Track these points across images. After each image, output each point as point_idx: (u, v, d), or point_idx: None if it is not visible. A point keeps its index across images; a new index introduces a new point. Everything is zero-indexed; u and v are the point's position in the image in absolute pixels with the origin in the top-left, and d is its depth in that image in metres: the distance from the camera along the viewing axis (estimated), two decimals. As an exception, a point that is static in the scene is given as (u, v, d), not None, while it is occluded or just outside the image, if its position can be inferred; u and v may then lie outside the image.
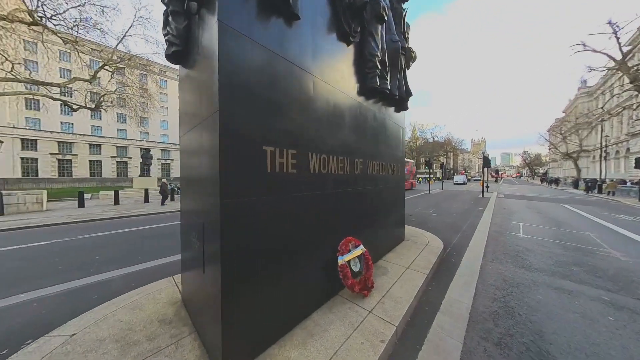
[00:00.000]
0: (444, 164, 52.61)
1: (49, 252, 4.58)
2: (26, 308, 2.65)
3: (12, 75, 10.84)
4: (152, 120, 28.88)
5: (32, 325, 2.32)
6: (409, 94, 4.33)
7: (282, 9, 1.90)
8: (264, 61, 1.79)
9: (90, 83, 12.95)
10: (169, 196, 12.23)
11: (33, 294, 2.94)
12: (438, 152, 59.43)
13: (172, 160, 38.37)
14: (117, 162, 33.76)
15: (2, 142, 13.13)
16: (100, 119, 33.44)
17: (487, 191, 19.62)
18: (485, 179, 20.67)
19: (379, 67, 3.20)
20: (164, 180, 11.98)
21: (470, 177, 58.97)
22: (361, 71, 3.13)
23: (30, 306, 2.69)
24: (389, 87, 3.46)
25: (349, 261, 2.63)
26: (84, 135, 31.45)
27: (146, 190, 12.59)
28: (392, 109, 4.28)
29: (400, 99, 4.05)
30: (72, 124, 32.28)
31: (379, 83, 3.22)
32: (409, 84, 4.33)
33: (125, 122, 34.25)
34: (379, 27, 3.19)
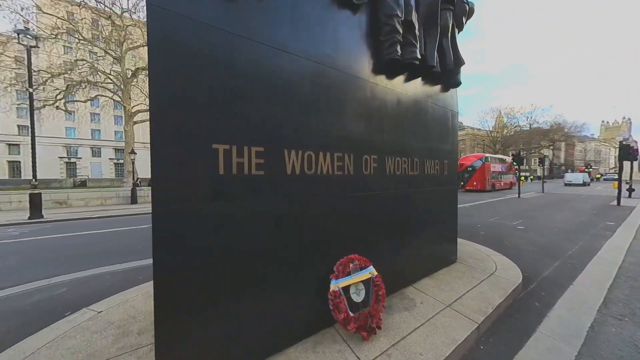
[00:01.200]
0: (548, 157, 39.64)
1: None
2: (100, 279, 3.42)
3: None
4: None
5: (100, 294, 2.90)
6: (459, 63, 3.15)
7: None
8: (218, 41, 1.50)
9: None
10: None
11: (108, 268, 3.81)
12: (539, 142, 45.44)
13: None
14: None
15: None
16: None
17: (630, 197, 13.24)
18: (628, 178, 14.12)
19: (401, 30, 2.39)
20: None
21: (597, 176, 41.99)
22: (375, 41, 2.42)
23: (104, 278, 3.47)
24: (419, 56, 2.55)
25: (347, 287, 2.03)
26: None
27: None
28: (435, 87, 3.23)
29: (443, 72, 2.98)
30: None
31: (400, 52, 2.40)
32: (459, 50, 3.14)
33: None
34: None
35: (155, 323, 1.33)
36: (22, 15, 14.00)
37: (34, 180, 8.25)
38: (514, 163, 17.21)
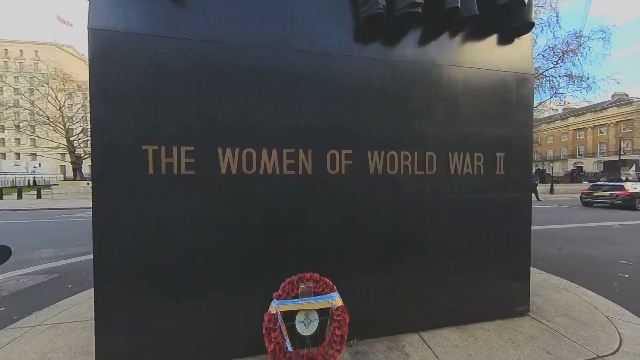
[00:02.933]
0: None
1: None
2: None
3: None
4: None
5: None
6: None
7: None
8: (140, 46, 1.59)
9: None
10: None
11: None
12: None
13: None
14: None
15: None
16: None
17: None
18: None
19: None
20: None
21: None
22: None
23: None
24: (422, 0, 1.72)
25: (292, 313, 1.67)
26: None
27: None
28: (475, 42, 2.14)
29: (490, 12, 1.90)
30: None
31: (384, 3, 1.71)
32: None
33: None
34: None
35: (95, 313, 1.55)
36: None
37: None
38: None
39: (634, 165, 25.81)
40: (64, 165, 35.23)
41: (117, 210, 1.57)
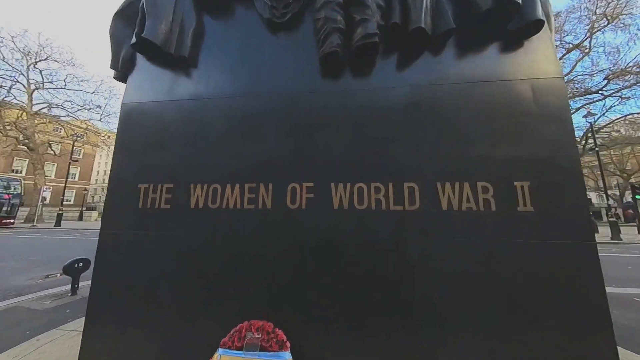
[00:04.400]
0: None
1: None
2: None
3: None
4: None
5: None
6: None
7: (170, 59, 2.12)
8: (149, 108, 2.09)
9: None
10: None
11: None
12: None
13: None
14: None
15: None
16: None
17: None
18: None
19: (338, 16, 1.78)
20: None
21: None
22: (313, 43, 1.97)
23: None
24: (375, 31, 1.67)
25: (232, 366, 1.48)
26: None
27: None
28: (472, 54, 1.84)
29: (483, 19, 1.65)
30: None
31: (339, 41, 1.75)
32: None
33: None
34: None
35: (87, 318, 1.81)
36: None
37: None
38: None
39: None
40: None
41: (116, 237, 1.91)
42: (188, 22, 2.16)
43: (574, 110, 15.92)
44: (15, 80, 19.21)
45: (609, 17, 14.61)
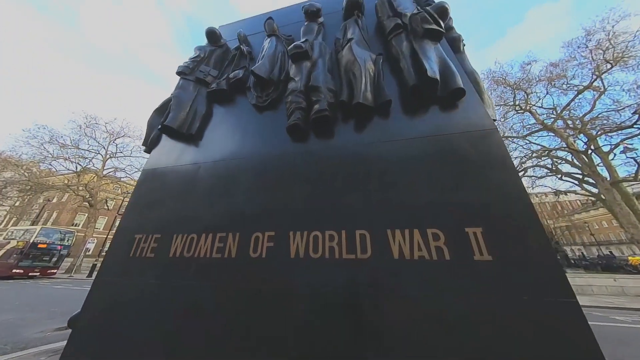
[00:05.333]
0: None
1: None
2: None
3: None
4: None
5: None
6: (427, 79, 1.99)
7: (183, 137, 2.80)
8: (161, 174, 2.63)
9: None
10: None
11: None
12: None
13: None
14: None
15: None
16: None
17: None
18: None
19: (302, 99, 2.33)
20: None
21: None
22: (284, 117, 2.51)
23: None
24: (325, 107, 2.13)
25: None
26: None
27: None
28: (414, 116, 2.16)
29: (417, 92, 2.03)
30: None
31: (300, 116, 2.23)
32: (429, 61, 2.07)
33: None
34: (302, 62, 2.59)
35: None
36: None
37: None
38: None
39: None
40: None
41: (105, 284, 2.13)
42: (200, 110, 2.95)
43: (612, 146, 14.70)
44: (97, 152, 24.80)
45: (611, 62, 15.00)
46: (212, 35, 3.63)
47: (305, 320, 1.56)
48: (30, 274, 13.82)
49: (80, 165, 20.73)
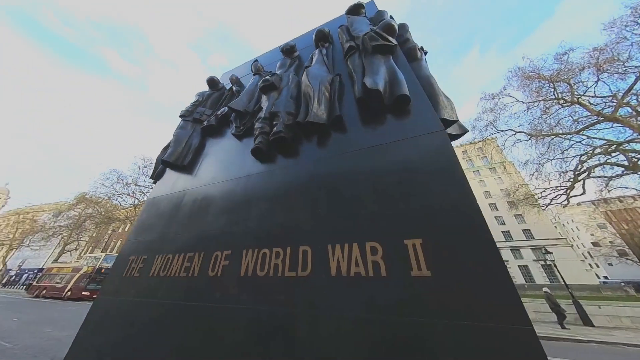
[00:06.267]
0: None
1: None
2: None
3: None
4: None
5: None
6: (368, 91, 2.01)
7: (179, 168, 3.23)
8: (158, 202, 3.03)
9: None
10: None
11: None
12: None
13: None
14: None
15: None
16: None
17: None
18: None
19: (265, 125, 2.55)
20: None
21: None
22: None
23: None
24: (281, 129, 2.27)
25: None
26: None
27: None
28: (359, 129, 2.16)
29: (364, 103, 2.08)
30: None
31: (261, 140, 2.42)
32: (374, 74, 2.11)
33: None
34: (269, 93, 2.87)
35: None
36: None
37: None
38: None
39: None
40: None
41: (99, 301, 2.43)
42: (194, 144, 3.40)
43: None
44: (150, 187, 29.21)
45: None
46: (212, 82, 4.29)
47: (244, 340, 1.53)
48: (94, 295, 16.08)
49: (137, 199, 24.51)
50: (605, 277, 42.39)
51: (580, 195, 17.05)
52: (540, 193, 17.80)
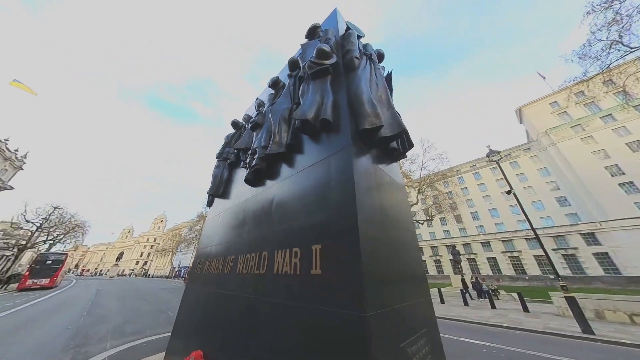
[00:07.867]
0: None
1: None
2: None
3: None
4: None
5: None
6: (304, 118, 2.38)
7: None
8: (210, 219, 4.42)
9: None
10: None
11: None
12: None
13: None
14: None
15: None
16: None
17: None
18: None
19: (250, 157, 3.36)
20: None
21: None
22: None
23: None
24: (254, 163, 3.00)
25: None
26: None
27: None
28: (310, 153, 2.59)
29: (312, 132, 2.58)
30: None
31: (249, 172, 3.24)
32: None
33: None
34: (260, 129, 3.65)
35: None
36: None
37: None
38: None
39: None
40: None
41: (190, 289, 3.94)
42: (224, 177, 4.66)
43: None
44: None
45: None
46: (234, 124, 5.54)
47: (233, 310, 2.37)
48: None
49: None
50: None
51: None
52: None
